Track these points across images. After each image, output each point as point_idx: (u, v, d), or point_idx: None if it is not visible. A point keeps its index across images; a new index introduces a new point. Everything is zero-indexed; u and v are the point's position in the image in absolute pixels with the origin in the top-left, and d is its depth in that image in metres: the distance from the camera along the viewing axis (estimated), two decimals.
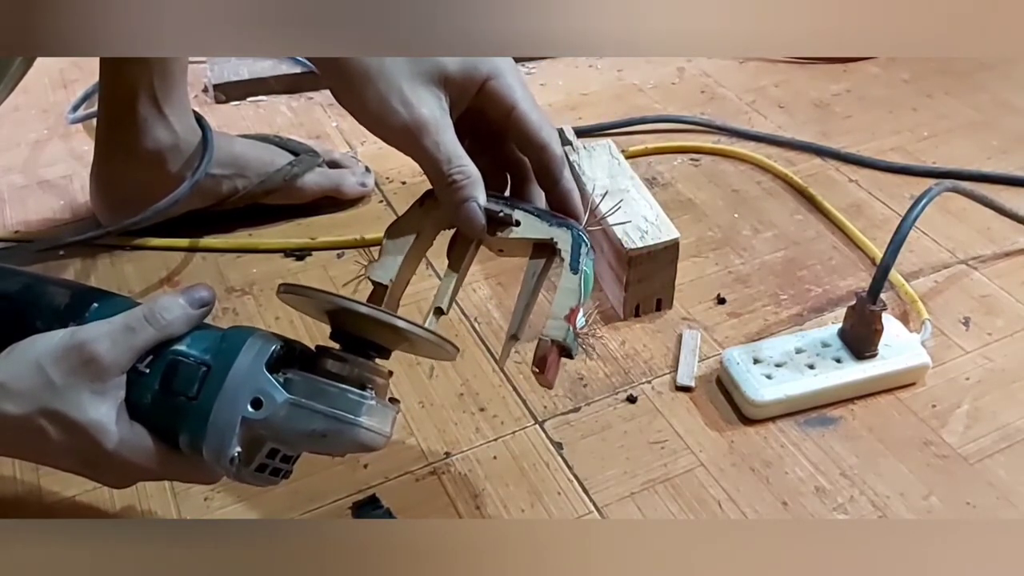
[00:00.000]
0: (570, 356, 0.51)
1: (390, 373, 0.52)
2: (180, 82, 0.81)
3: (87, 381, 0.47)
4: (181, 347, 0.49)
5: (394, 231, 0.54)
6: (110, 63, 0.78)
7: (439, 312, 0.53)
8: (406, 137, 0.50)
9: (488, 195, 0.51)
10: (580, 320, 0.51)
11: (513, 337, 0.53)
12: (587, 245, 0.51)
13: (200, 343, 0.49)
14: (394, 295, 0.53)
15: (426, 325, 0.50)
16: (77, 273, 0.81)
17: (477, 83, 0.51)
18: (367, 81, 0.50)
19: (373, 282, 0.53)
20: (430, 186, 0.53)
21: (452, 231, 0.54)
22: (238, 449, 0.47)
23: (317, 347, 0.50)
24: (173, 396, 0.48)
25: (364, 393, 0.48)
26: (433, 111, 0.50)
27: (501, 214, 0.51)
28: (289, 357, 0.49)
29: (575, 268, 0.51)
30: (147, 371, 0.49)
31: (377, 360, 0.51)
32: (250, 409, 0.47)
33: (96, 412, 0.47)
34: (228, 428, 0.47)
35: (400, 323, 0.48)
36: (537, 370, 0.50)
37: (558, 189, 0.53)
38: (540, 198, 0.55)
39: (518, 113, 0.52)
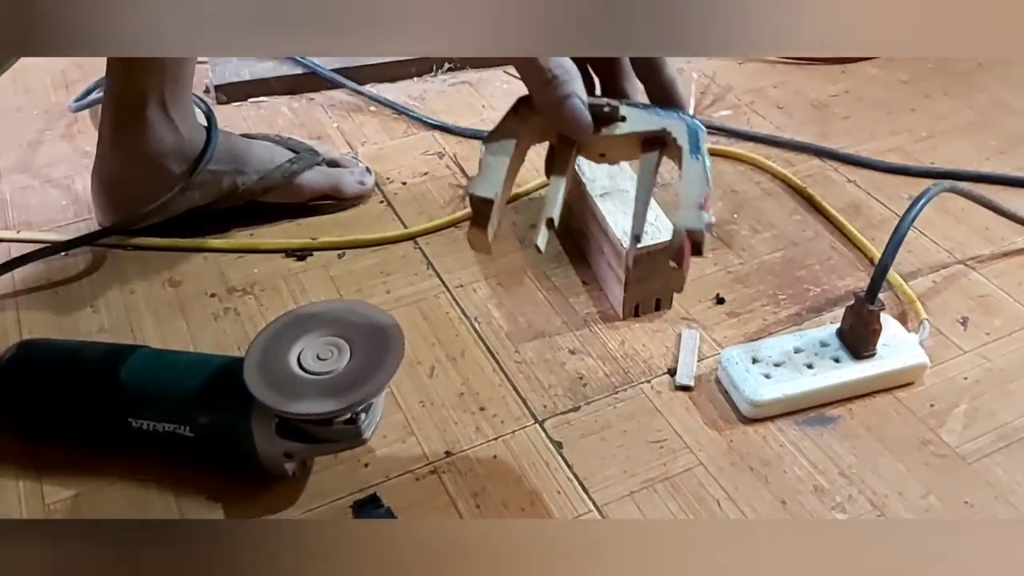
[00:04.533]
0: (699, 251, 0.47)
1: None
2: (189, 85, 0.82)
3: None
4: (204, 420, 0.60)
5: (493, 143, 0.49)
6: (121, 65, 0.78)
7: (551, 224, 0.49)
8: None
9: None
10: (707, 214, 0.47)
11: (636, 238, 0.49)
12: (703, 131, 0.48)
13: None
14: (498, 212, 0.49)
15: (540, 238, 0.49)
16: (79, 273, 0.81)
17: None
18: None
19: (477, 198, 0.48)
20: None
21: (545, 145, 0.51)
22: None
23: None
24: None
25: (358, 427, 0.59)
26: None
27: (606, 108, 0.48)
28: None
29: (697, 154, 0.48)
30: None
31: None
32: (286, 459, 0.61)
33: None
34: (277, 467, 0.61)
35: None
36: (675, 265, 0.47)
37: (661, 79, 0.49)
38: (634, 94, 0.51)
39: None
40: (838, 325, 0.71)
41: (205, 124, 0.84)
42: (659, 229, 0.73)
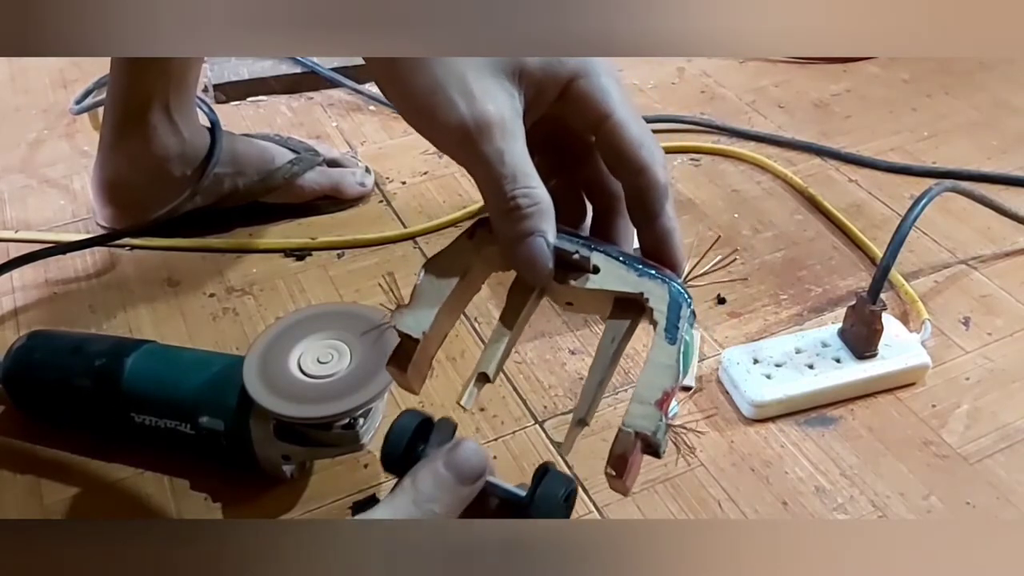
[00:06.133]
0: (657, 454, 0.38)
1: None
2: (193, 88, 0.82)
3: None
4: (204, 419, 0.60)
5: (434, 270, 0.41)
6: (126, 68, 0.78)
7: (483, 379, 0.41)
8: (461, 139, 0.38)
9: (558, 229, 0.39)
10: (672, 407, 0.39)
11: (581, 422, 0.40)
12: (689, 305, 0.40)
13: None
14: (427, 350, 0.42)
15: (466, 394, 0.41)
16: (78, 273, 0.81)
17: (561, 82, 0.40)
18: (419, 62, 0.39)
19: (401, 333, 0.41)
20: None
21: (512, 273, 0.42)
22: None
23: None
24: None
25: (357, 432, 0.58)
26: (502, 110, 0.38)
27: (576, 256, 0.40)
28: None
29: (672, 337, 0.39)
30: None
31: None
32: (284, 460, 0.61)
33: None
34: (275, 469, 0.61)
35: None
36: (613, 473, 0.38)
37: (656, 226, 0.42)
38: (628, 237, 0.44)
39: (613, 123, 0.40)
40: (839, 325, 0.71)
41: (207, 126, 0.84)
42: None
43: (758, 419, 0.67)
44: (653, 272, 0.40)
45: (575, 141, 0.43)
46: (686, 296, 0.40)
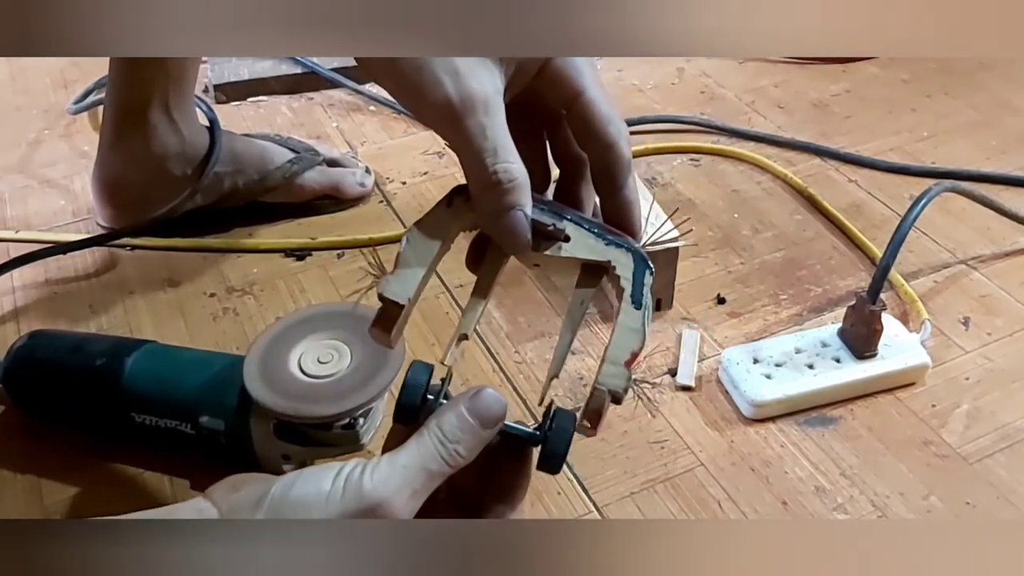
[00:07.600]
0: (618, 403, 0.43)
1: None
2: (192, 87, 0.82)
3: None
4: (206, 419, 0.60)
5: (415, 238, 0.44)
6: (124, 68, 0.78)
7: (463, 339, 0.44)
8: (446, 115, 0.41)
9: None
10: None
11: (555, 376, 0.46)
12: (651, 271, 0.43)
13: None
14: (407, 311, 0.44)
15: (448, 353, 0.44)
16: (78, 273, 0.81)
17: (540, 62, 0.43)
18: None
19: (387, 300, 0.43)
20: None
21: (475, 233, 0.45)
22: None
23: None
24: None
25: (357, 432, 0.59)
26: (485, 88, 0.41)
27: (551, 228, 0.43)
28: None
29: (638, 303, 0.42)
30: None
31: None
32: (283, 460, 0.60)
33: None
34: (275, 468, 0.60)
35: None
36: (589, 425, 0.43)
37: (619, 197, 0.45)
38: (590, 201, 0.47)
39: (585, 101, 0.43)
40: (839, 325, 0.71)
41: (206, 125, 0.84)
42: (657, 228, 0.73)
43: (758, 419, 0.67)
44: (619, 241, 0.44)
45: (546, 112, 0.46)
46: (648, 263, 0.44)
